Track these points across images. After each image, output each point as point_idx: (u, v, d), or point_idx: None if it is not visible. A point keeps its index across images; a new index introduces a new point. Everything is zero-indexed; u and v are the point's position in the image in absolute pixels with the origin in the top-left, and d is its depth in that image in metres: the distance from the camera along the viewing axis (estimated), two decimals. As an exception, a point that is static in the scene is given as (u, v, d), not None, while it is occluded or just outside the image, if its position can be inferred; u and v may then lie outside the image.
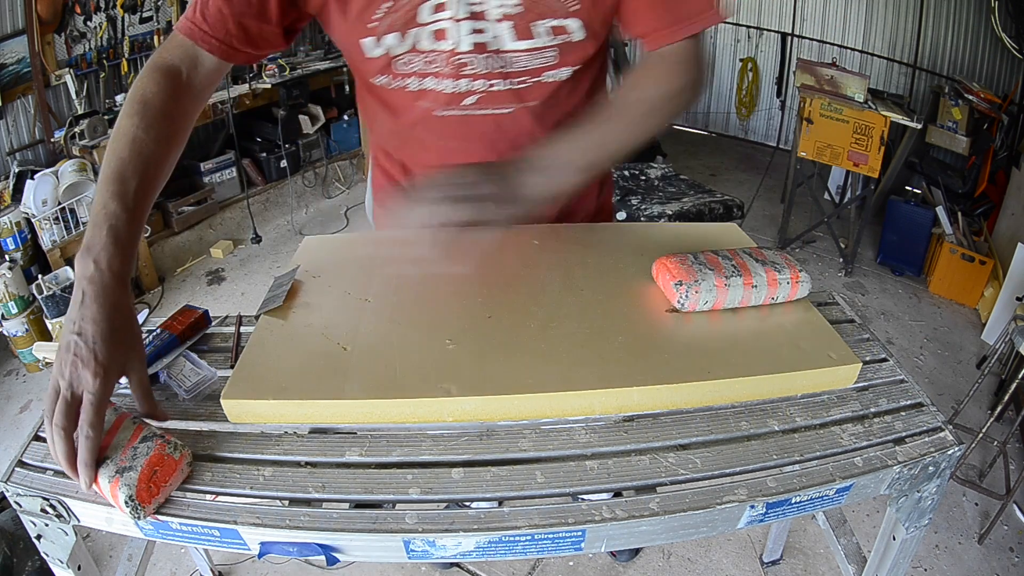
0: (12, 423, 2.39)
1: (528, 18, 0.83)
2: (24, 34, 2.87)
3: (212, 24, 0.82)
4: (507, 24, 0.83)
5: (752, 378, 0.77)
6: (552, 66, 0.89)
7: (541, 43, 0.86)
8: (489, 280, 0.91)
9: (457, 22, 0.83)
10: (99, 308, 0.66)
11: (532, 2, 0.83)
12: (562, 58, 0.89)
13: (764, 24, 4.75)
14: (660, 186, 3.14)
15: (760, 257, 0.88)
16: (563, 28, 0.86)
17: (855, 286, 3.28)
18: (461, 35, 0.84)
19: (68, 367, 0.64)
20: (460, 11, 0.82)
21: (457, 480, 0.68)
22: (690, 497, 0.68)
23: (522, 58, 0.87)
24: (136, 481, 0.64)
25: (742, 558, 1.85)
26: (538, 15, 0.83)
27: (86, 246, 0.69)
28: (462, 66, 0.86)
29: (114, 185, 0.72)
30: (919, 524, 0.82)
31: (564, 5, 0.84)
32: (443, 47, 0.85)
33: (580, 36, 0.87)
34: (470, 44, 0.84)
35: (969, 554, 1.88)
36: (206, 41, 0.83)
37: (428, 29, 0.84)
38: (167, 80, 0.82)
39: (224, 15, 0.82)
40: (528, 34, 0.85)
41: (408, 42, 0.85)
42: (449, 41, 0.84)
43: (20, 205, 2.66)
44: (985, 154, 3.38)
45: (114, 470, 0.64)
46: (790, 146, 4.16)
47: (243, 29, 0.84)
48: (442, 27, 0.83)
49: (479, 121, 0.92)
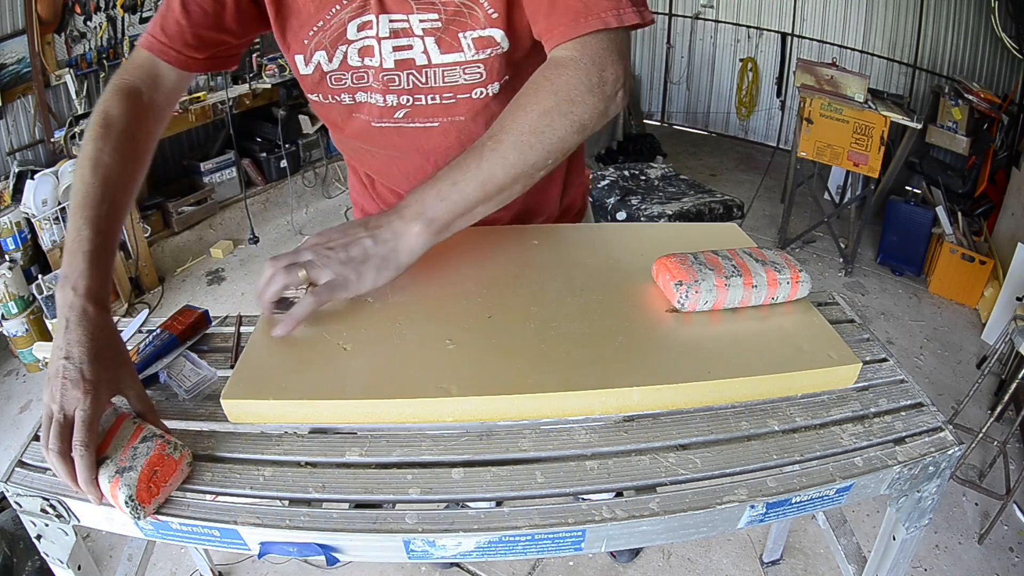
0: (12, 423, 2.39)
1: (450, 31, 0.83)
2: (24, 34, 2.87)
3: (171, 36, 0.86)
4: (431, 39, 0.84)
5: (752, 378, 0.77)
6: (479, 83, 0.87)
7: (467, 57, 0.85)
8: (489, 280, 0.91)
9: (380, 40, 0.84)
10: (83, 331, 0.68)
11: (451, 17, 0.82)
12: (489, 74, 0.86)
13: (764, 24, 4.75)
14: (660, 186, 3.14)
15: (760, 257, 0.88)
16: (488, 40, 0.83)
17: (855, 286, 3.28)
18: (384, 52, 0.85)
19: (59, 391, 0.65)
20: (383, 30, 0.83)
21: (457, 480, 0.68)
22: (690, 497, 0.68)
23: (448, 73, 0.86)
24: (136, 481, 0.64)
25: (742, 558, 1.85)
26: (460, 27, 0.83)
27: (64, 276, 0.72)
28: (389, 82, 0.88)
29: (85, 211, 0.75)
30: (919, 524, 0.82)
31: (483, 15, 0.82)
32: (371, 63, 0.87)
33: (506, 46, 0.84)
34: (393, 61, 0.86)
35: (969, 554, 1.88)
36: (165, 53, 0.87)
37: (355, 46, 0.85)
38: (129, 101, 0.85)
39: (182, 26, 0.85)
40: (452, 47, 0.84)
41: (337, 60, 0.87)
42: (375, 58, 0.86)
43: (20, 205, 2.66)
44: (985, 154, 3.38)
45: (114, 470, 0.64)
46: (790, 146, 4.16)
47: (200, 39, 0.87)
48: (368, 44, 0.85)
49: (412, 133, 0.93)
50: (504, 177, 0.75)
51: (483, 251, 0.98)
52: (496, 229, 1.09)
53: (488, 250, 0.98)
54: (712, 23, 5.03)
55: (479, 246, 0.99)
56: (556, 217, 1.14)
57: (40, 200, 2.62)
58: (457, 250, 0.98)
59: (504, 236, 1.03)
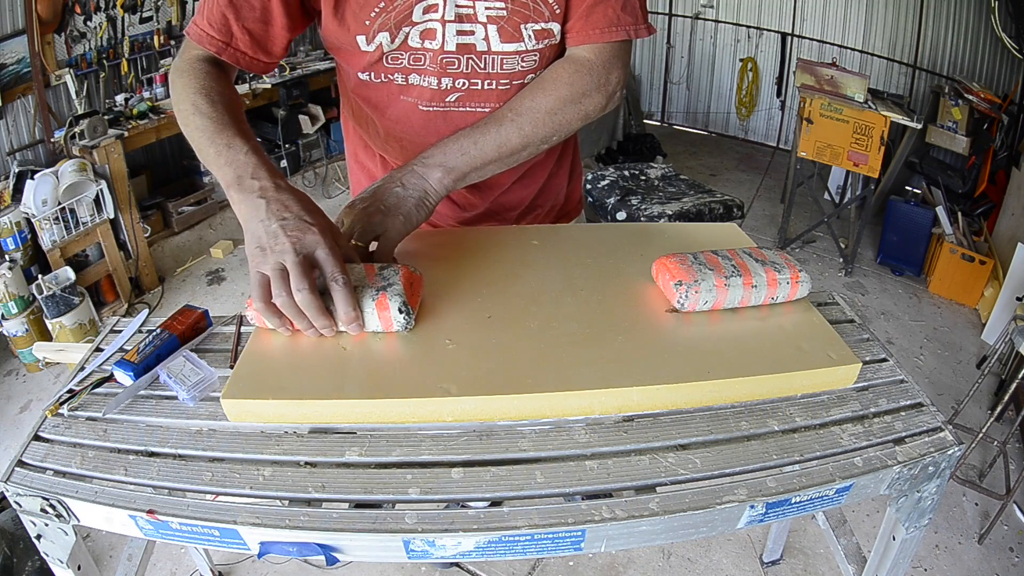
0: (12, 423, 2.39)
1: (512, 22, 0.87)
2: (24, 34, 2.87)
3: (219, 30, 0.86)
4: (493, 27, 0.87)
5: (752, 378, 0.77)
6: (533, 70, 0.93)
7: (526, 47, 0.90)
8: (489, 280, 0.91)
9: (445, 23, 0.86)
10: (288, 195, 0.75)
11: (515, 7, 0.86)
12: (541, 62, 0.93)
13: (764, 24, 4.76)
14: (660, 186, 3.14)
15: (760, 257, 0.88)
16: (547, 32, 0.89)
17: (855, 286, 3.28)
18: (448, 36, 0.87)
19: (286, 241, 0.71)
20: (449, 13, 0.85)
21: (457, 480, 0.68)
22: (690, 497, 0.68)
23: (507, 60, 0.91)
24: (402, 291, 0.75)
25: (742, 558, 1.85)
26: (523, 19, 0.87)
27: (236, 177, 0.76)
28: (448, 64, 0.90)
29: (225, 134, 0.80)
30: (919, 524, 0.82)
31: (547, 9, 0.87)
32: (431, 46, 0.88)
33: (558, 39, 0.91)
34: (455, 45, 0.88)
35: (969, 554, 1.88)
36: (214, 44, 0.87)
37: (418, 28, 0.87)
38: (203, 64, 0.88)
39: (228, 20, 0.86)
40: (513, 37, 0.88)
41: (399, 40, 0.88)
42: (437, 41, 0.88)
43: (20, 205, 2.66)
44: (985, 154, 3.38)
45: (374, 291, 0.72)
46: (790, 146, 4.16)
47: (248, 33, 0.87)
48: (431, 27, 0.87)
49: (459, 117, 0.95)
50: (517, 143, 0.90)
51: (483, 251, 0.98)
52: (496, 229, 1.09)
53: (488, 250, 0.98)
54: (712, 23, 5.03)
55: (479, 246, 0.99)
56: (562, 204, 1.20)
57: (40, 200, 2.62)
58: (457, 250, 0.98)
59: (504, 236, 1.03)
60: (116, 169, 2.92)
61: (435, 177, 0.89)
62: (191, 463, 0.71)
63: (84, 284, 2.79)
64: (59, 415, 0.78)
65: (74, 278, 2.66)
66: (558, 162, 1.14)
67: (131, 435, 0.74)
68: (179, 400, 0.79)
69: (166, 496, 0.68)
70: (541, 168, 1.12)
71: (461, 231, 1.08)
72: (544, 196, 1.16)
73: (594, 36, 0.89)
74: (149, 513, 0.66)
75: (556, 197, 1.18)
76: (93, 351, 0.91)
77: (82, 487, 0.69)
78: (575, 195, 1.24)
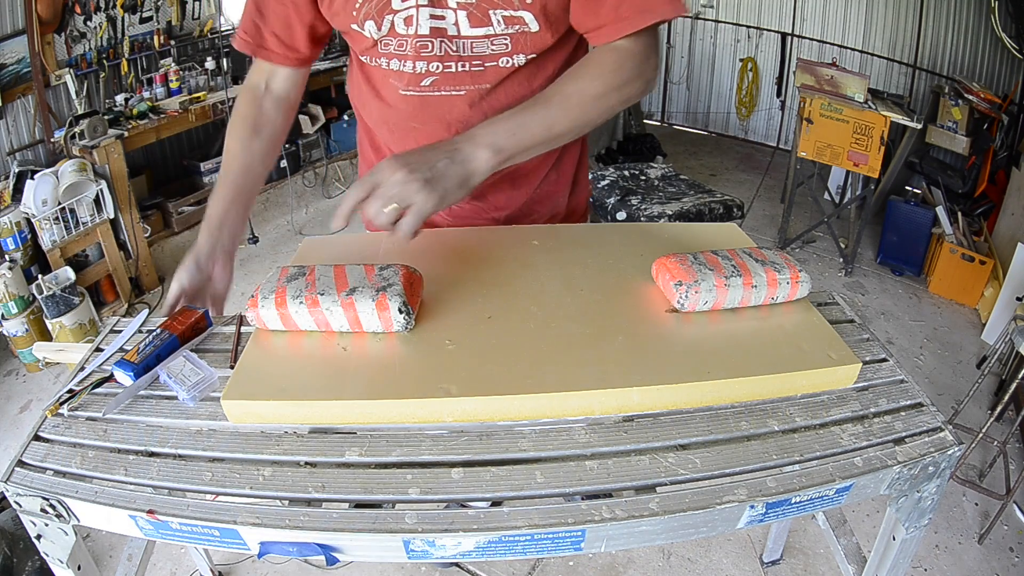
0: (12, 423, 2.39)
1: (481, 8, 0.89)
2: (24, 34, 2.87)
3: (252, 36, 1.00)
4: (463, 12, 0.90)
5: (752, 378, 0.77)
6: (505, 52, 0.95)
7: (495, 31, 0.92)
8: (489, 280, 0.91)
9: (419, 8, 0.90)
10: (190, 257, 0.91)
11: None
12: (515, 46, 0.94)
13: (764, 24, 4.75)
14: (660, 186, 3.14)
15: (760, 257, 0.88)
16: (517, 19, 0.91)
17: (855, 286, 3.28)
18: (421, 20, 0.90)
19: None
20: None
21: (457, 480, 0.68)
22: (690, 497, 0.68)
23: (476, 44, 0.93)
24: (402, 291, 0.75)
25: (742, 558, 1.85)
26: (491, 5, 0.89)
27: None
28: (422, 48, 0.93)
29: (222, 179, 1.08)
30: (919, 524, 0.82)
31: None
32: (410, 32, 0.92)
33: (535, 27, 0.92)
34: (428, 28, 0.91)
35: (969, 554, 1.88)
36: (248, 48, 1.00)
37: (400, 15, 0.91)
38: (249, 94, 1.06)
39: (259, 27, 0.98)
40: (482, 22, 0.91)
41: (385, 27, 0.93)
42: (413, 26, 0.91)
43: (20, 205, 2.65)
44: (985, 154, 3.38)
45: (373, 291, 0.74)
46: (790, 146, 4.16)
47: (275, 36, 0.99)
48: (410, 13, 0.91)
49: (436, 102, 0.98)
50: (563, 127, 0.90)
51: (483, 251, 0.98)
52: (496, 229, 1.09)
53: (488, 250, 0.98)
54: (712, 23, 5.03)
55: (479, 246, 0.99)
56: (563, 216, 1.18)
57: (40, 200, 2.62)
58: (457, 250, 0.98)
59: (504, 236, 1.03)
60: (116, 169, 2.92)
61: (483, 157, 0.85)
62: (191, 463, 0.71)
63: (84, 284, 2.79)
64: (59, 415, 0.78)
65: (74, 278, 2.66)
66: (555, 168, 1.13)
67: (131, 435, 0.74)
68: (179, 400, 0.79)
69: (166, 496, 0.68)
70: (535, 173, 1.10)
71: (461, 231, 1.08)
72: (540, 204, 1.14)
73: (629, 24, 0.89)
74: (149, 513, 0.66)
75: (554, 206, 1.17)
76: (93, 351, 0.91)
77: (82, 487, 0.69)
78: (579, 206, 1.23)
